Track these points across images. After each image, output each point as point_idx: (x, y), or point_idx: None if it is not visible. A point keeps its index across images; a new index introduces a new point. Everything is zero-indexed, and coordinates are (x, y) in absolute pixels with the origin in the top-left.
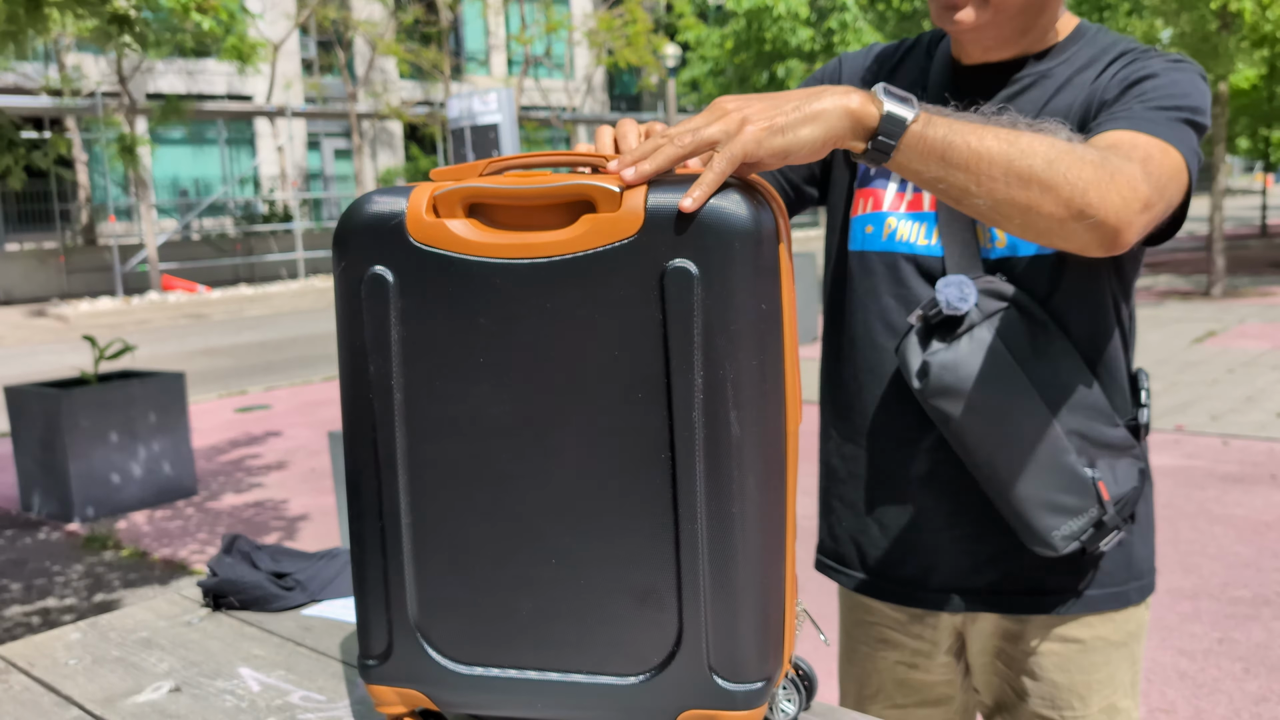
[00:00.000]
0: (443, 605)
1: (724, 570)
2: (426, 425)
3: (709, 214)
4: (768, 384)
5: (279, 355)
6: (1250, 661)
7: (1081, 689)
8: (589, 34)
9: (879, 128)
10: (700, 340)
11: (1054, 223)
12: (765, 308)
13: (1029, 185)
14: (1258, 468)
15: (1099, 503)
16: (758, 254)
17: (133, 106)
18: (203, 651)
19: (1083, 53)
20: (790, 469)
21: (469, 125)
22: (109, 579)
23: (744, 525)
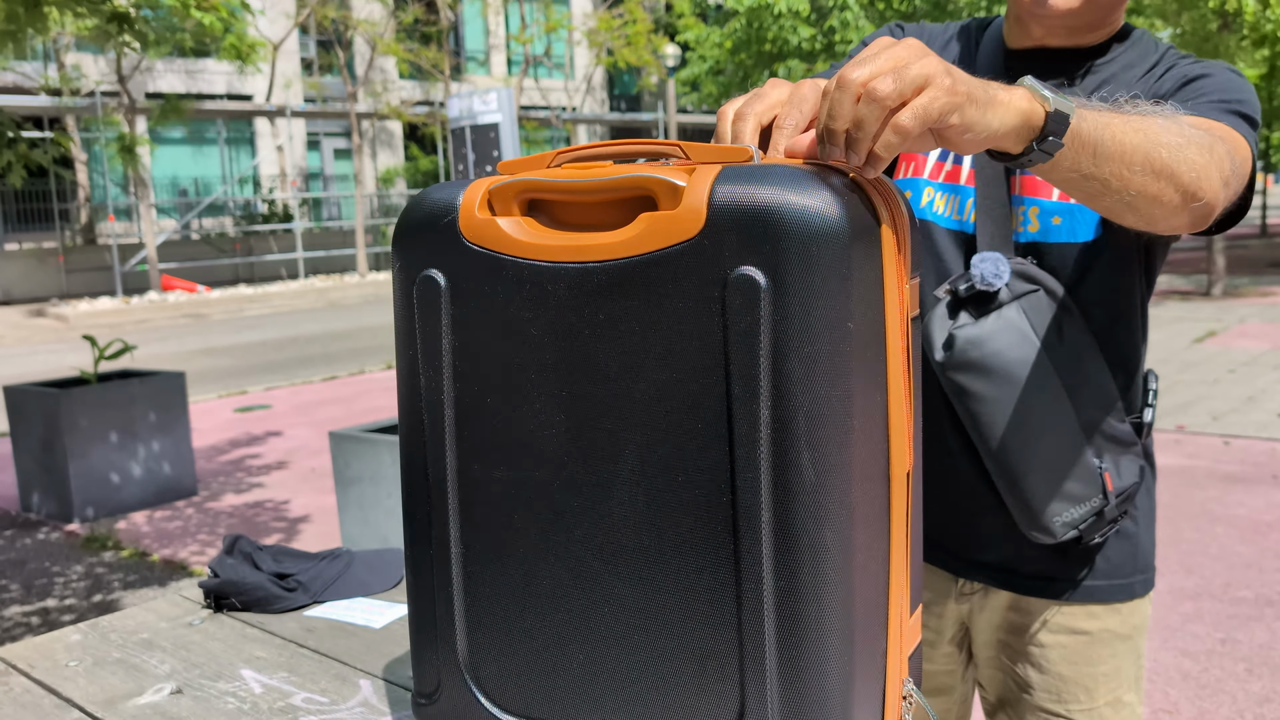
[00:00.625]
0: (493, 646)
1: (793, 643)
2: (477, 446)
3: (784, 210)
4: (855, 420)
5: (279, 355)
6: (1253, 662)
7: (1088, 682)
8: (589, 34)
9: (1047, 126)
10: (767, 364)
11: (1171, 210)
12: (853, 327)
13: (1160, 176)
14: (1259, 468)
15: (1103, 493)
16: (846, 261)
17: (132, 106)
18: (204, 653)
19: (1129, 53)
20: (896, 525)
21: (469, 125)
22: (109, 579)
23: (818, 591)
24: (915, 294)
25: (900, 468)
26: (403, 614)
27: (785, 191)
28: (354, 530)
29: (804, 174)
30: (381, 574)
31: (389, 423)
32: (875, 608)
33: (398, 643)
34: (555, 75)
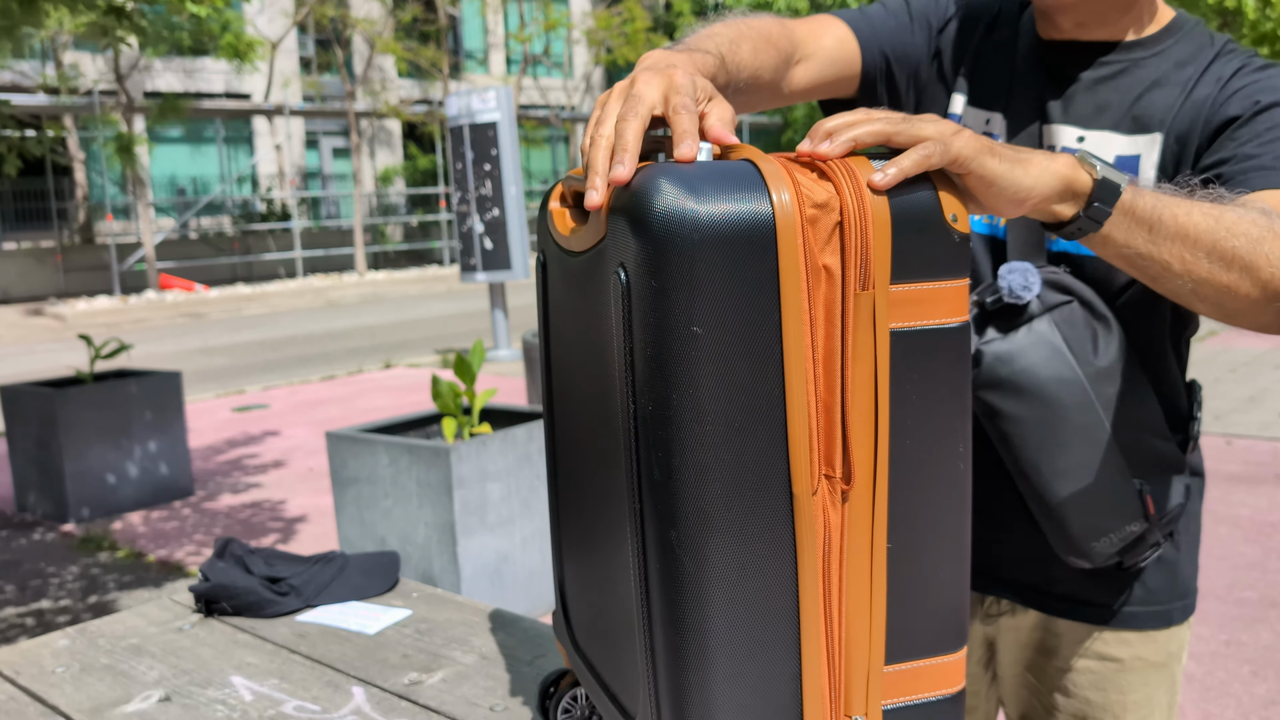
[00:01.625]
0: (570, 577)
1: (653, 636)
2: (559, 403)
3: (638, 211)
4: (709, 425)
5: (277, 354)
6: (1258, 664)
7: (1116, 709)
8: (588, 32)
9: (1094, 193)
10: (625, 363)
11: (1248, 304)
12: (700, 331)
13: (1231, 266)
14: (1262, 468)
15: (1144, 516)
16: (691, 264)
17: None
18: (194, 659)
19: (1179, 48)
20: (806, 549)
21: (468, 124)
22: (104, 580)
23: (671, 587)
24: (917, 301)
25: (803, 487)
26: (397, 619)
27: (646, 192)
28: (351, 531)
29: (673, 172)
30: (376, 578)
31: (386, 423)
32: (769, 629)
33: (391, 649)
34: (554, 74)
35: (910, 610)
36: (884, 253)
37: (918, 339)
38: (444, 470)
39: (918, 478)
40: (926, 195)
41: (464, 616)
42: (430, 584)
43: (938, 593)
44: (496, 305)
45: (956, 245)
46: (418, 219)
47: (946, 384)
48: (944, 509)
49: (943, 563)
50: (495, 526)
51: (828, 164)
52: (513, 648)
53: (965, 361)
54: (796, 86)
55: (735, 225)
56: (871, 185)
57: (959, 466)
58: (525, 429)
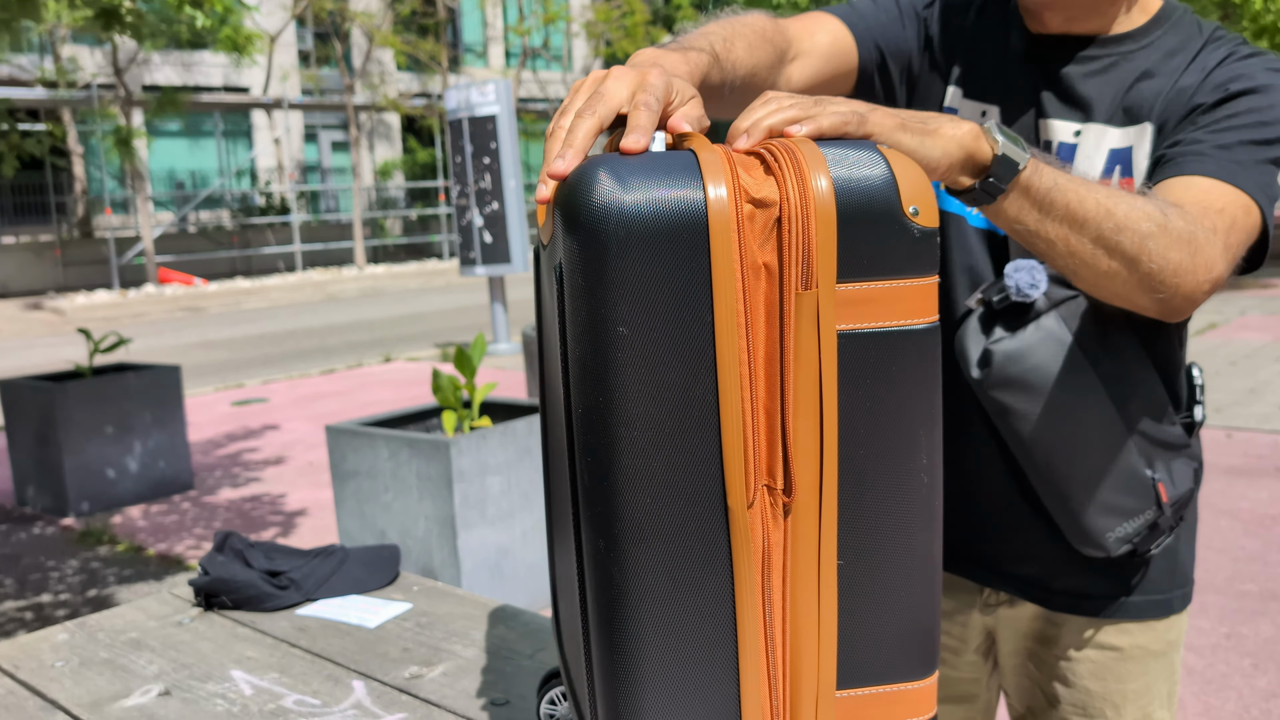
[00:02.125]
0: (556, 576)
1: (587, 638)
2: (547, 408)
3: (564, 206)
4: (635, 431)
5: (276, 348)
6: (1259, 657)
7: (1116, 698)
8: (587, 25)
9: (991, 169)
10: (561, 362)
11: (1125, 289)
12: (625, 331)
13: (1113, 255)
14: (1262, 460)
15: (1157, 504)
16: (606, 260)
17: (129, 98)
18: (194, 653)
19: (1168, 38)
20: (743, 563)
21: (467, 117)
22: (104, 574)
23: (600, 592)
24: (877, 300)
25: (737, 499)
26: (397, 612)
27: (576, 186)
28: (351, 525)
29: (609, 164)
30: (376, 571)
31: (386, 416)
32: (705, 647)
33: (392, 642)
34: (553, 67)
35: (866, 632)
36: (828, 249)
37: (871, 341)
38: (444, 464)
39: (873, 491)
40: (881, 187)
41: (465, 610)
42: (430, 578)
43: (900, 615)
44: (496, 299)
45: (917, 240)
46: (417, 213)
47: (908, 390)
48: (904, 524)
49: (905, 583)
50: (495, 520)
51: (772, 156)
52: (514, 641)
53: (931, 365)
54: (794, 84)
55: (665, 220)
56: (787, 132)
57: (922, 479)
58: (525, 422)
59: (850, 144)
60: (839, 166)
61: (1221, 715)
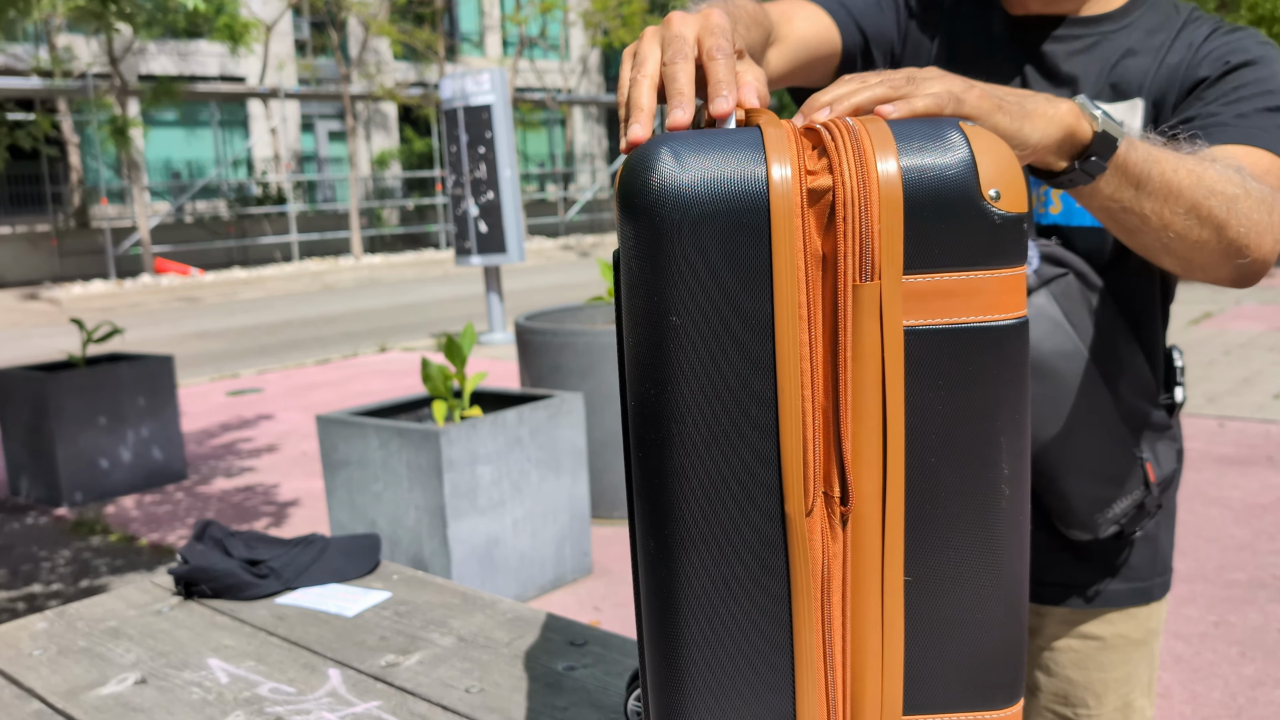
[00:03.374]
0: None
1: (644, 645)
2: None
3: (623, 176)
4: (686, 426)
5: (272, 338)
6: (1246, 645)
7: (1098, 687)
8: (584, 14)
9: (1091, 147)
10: (619, 355)
11: (1213, 259)
12: (678, 321)
13: (1205, 224)
14: (1254, 450)
15: (1145, 484)
16: (666, 246)
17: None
18: (171, 641)
19: (1148, 18)
20: (800, 572)
21: (462, 106)
22: (96, 564)
23: (654, 597)
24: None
25: (795, 505)
26: (376, 601)
27: (635, 167)
28: (342, 515)
29: (670, 143)
30: (357, 560)
31: (378, 406)
32: (759, 659)
33: (370, 630)
34: (550, 56)
35: (939, 655)
36: (894, 237)
37: (945, 338)
38: (434, 453)
39: (946, 503)
40: (958, 168)
41: (443, 599)
42: (421, 567)
43: (977, 638)
44: (491, 288)
45: (999, 227)
46: (414, 202)
47: (988, 392)
48: (983, 540)
49: (983, 603)
50: (486, 509)
51: (829, 135)
52: (491, 630)
53: (1017, 365)
54: (770, 70)
55: (724, 203)
56: (880, 113)
57: (1003, 491)
58: (515, 412)
59: (927, 121)
60: (909, 146)
61: (1208, 703)
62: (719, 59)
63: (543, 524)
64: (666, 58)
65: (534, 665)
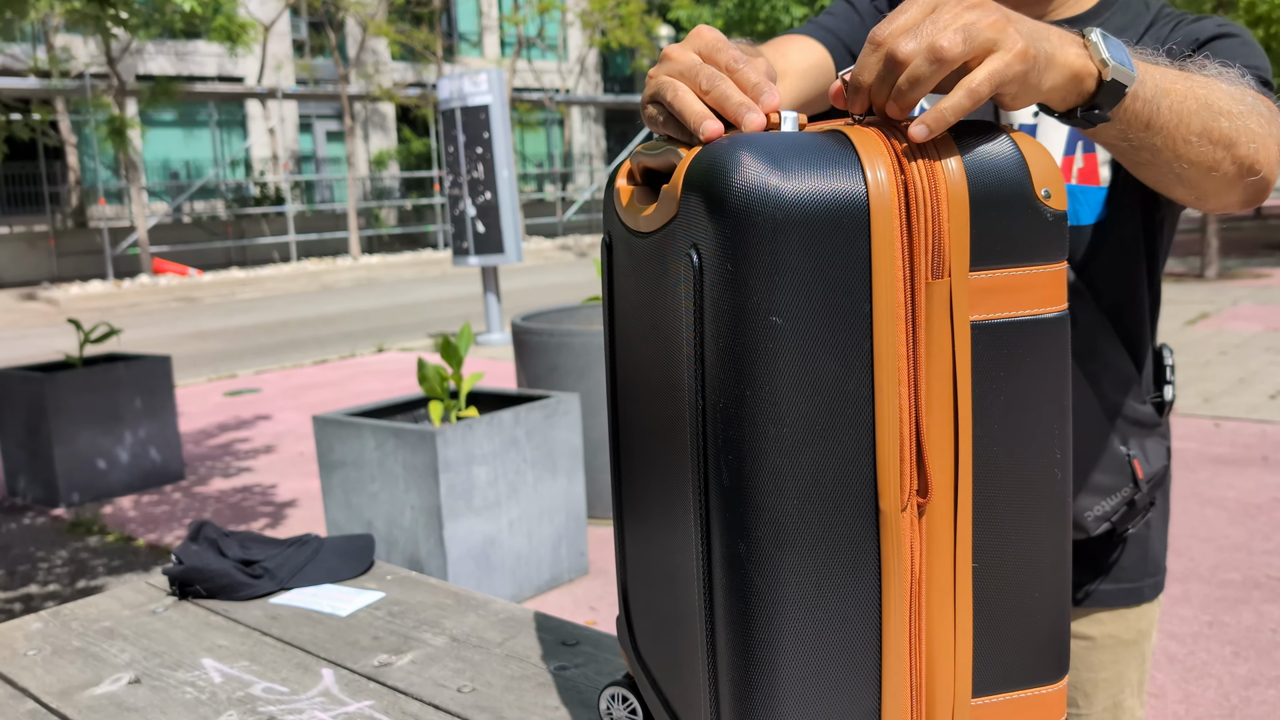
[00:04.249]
0: (634, 582)
1: (718, 653)
2: (622, 406)
3: (713, 187)
4: (785, 427)
5: (270, 338)
6: (1240, 645)
7: (1087, 687)
8: (582, 15)
9: (1096, 95)
10: (696, 353)
11: (1226, 183)
12: (779, 321)
13: (1216, 145)
14: (1249, 450)
15: (1133, 481)
16: (775, 246)
17: (122, 88)
18: (166, 641)
19: (1117, 18)
20: (893, 569)
21: (459, 106)
22: (93, 564)
23: (738, 604)
24: (1012, 289)
25: (890, 502)
26: (369, 601)
27: (724, 165)
28: (338, 515)
29: (755, 144)
30: (351, 560)
31: (374, 406)
32: (847, 658)
33: (363, 630)
34: (549, 57)
35: (1001, 637)
36: (961, 236)
37: (1005, 332)
38: (429, 454)
39: (1007, 490)
40: (1013, 167)
41: (436, 599)
42: (417, 567)
43: (1033, 618)
44: (489, 289)
45: (1051, 224)
46: (412, 202)
47: (1041, 382)
48: (1039, 524)
49: (1039, 584)
50: (481, 510)
51: (888, 133)
52: (484, 630)
53: (1063, 356)
54: (785, 102)
55: (824, 206)
56: (911, 137)
57: (1056, 475)
58: (512, 413)
59: (975, 125)
60: (967, 149)
61: (1201, 703)
62: (740, 67)
63: (539, 524)
64: (704, 85)
65: (526, 665)
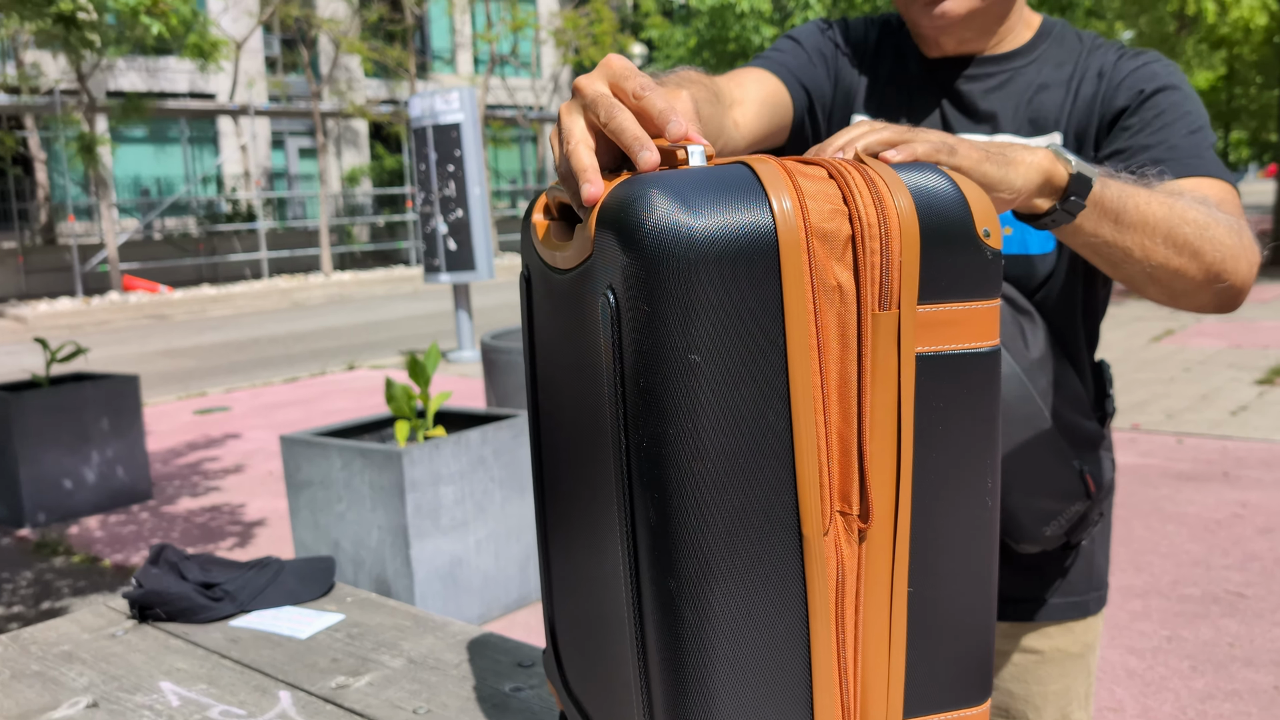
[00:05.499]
0: (560, 615)
1: (651, 694)
2: (545, 440)
3: (626, 226)
4: (709, 463)
5: (241, 356)
6: (1197, 659)
7: (1037, 699)
8: (555, 33)
9: (1069, 187)
10: (617, 393)
11: (1193, 286)
12: (698, 359)
13: (1182, 252)
14: (1210, 466)
15: (1086, 494)
16: (691, 278)
17: (92, 104)
18: (124, 665)
19: (1053, 51)
20: (818, 594)
21: (431, 124)
22: (58, 586)
23: (672, 644)
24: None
25: (812, 527)
26: (330, 623)
27: (635, 205)
28: (305, 535)
29: (664, 182)
30: (311, 583)
31: (340, 426)
32: (779, 682)
33: (322, 652)
34: (522, 74)
35: (932, 659)
36: (912, 269)
37: (946, 364)
38: (396, 474)
39: (941, 516)
40: (957, 206)
41: (395, 621)
42: (384, 588)
43: (961, 640)
44: (460, 306)
45: (989, 262)
46: (384, 219)
47: (975, 414)
48: (969, 549)
49: (967, 608)
50: (449, 530)
51: (839, 172)
52: (441, 652)
53: (995, 389)
54: (741, 131)
55: (734, 241)
56: (885, 158)
57: (986, 503)
58: (479, 432)
59: (916, 166)
60: (915, 186)
61: (1159, 716)
62: (648, 94)
63: (506, 544)
64: (603, 118)
65: (482, 686)
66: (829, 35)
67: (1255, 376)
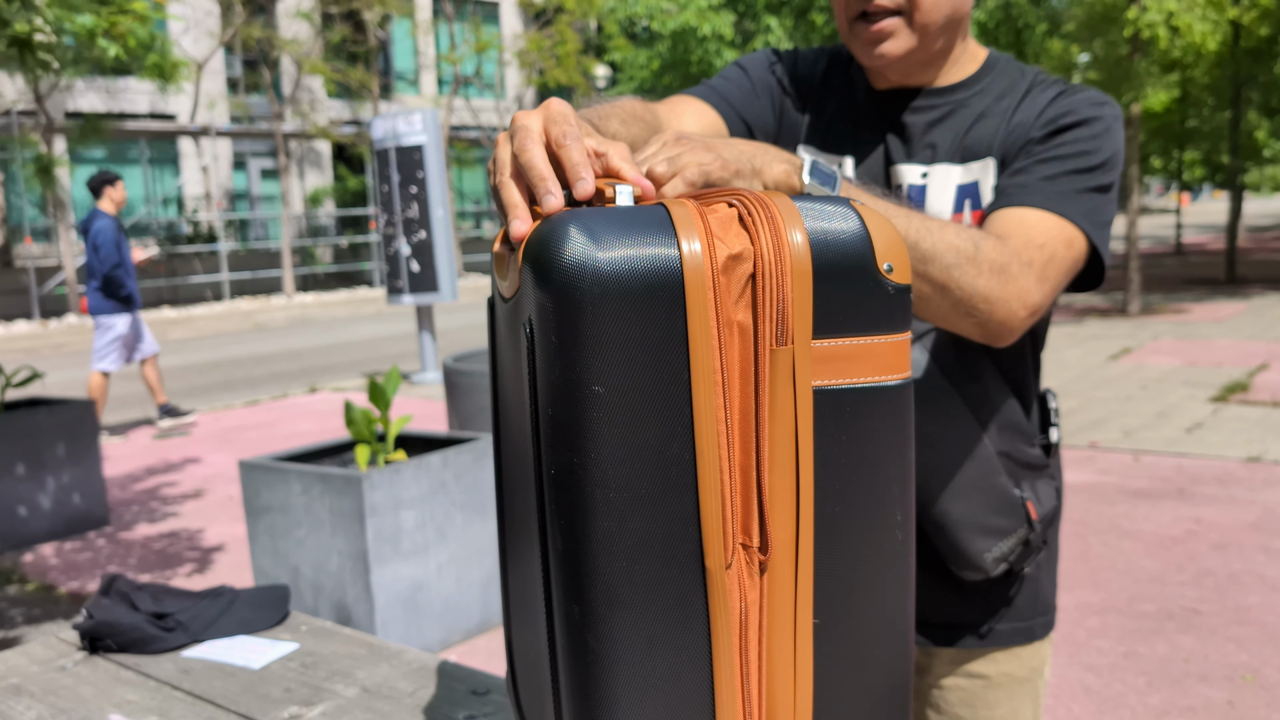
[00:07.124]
0: (516, 640)
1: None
2: (504, 466)
3: (539, 261)
4: (612, 492)
5: (201, 379)
6: (1153, 675)
7: None
8: (519, 54)
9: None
10: (530, 423)
11: (941, 313)
12: (601, 390)
13: (924, 282)
14: (1166, 483)
15: (1028, 522)
16: (597, 312)
17: (50, 125)
18: (74, 698)
19: (997, 83)
20: (720, 625)
21: (394, 146)
22: (11, 615)
23: (578, 667)
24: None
25: (715, 560)
26: (283, 652)
27: (548, 241)
28: (264, 561)
29: (580, 219)
30: (265, 611)
31: (301, 450)
32: (686, 709)
33: (275, 682)
34: (486, 95)
35: (842, 691)
36: (804, 306)
37: (846, 398)
38: (356, 498)
39: (848, 548)
40: (855, 243)
41: (350, 649)
42: (344, 614)
43: (873, 673)
44: (424, 328)
45: (893, 297)
46: (347, 240)
47: (882, 446)
48: (879, 582)
49: (878, 641)
50: (409, 555)
51: (745, 209)
52: (395, 680)
53: (905, 422)
54: None
55: (641, 277)
56: (656, 177)
57: (897, 535)
58: (440, 456)
59: (824, 199)
60: (814, 222)
61: None
62: (568, 144)
63: (467, 568)
64: (516, 149)
65: (435, 714)
66: (776, 69)
67: (1210, 394)
